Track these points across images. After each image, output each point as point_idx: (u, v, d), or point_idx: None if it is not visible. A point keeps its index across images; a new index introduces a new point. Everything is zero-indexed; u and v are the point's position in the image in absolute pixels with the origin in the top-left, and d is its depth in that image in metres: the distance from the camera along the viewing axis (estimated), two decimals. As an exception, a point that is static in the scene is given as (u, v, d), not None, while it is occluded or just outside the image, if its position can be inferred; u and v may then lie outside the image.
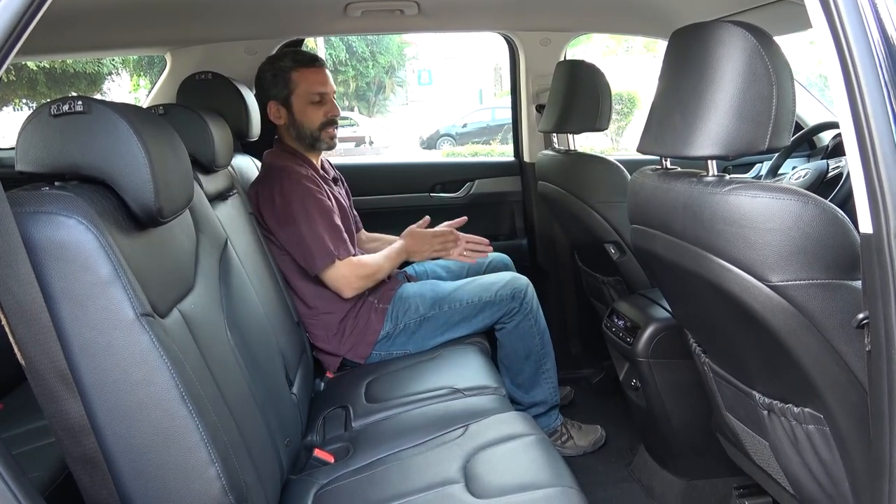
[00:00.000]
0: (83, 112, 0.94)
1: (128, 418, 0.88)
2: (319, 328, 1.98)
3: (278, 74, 1.99)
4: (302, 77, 1.98)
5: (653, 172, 1.34)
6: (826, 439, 1.14)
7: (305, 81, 1.98)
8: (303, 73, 1.98)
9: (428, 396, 1.70)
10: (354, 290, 1.93)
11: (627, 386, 1.91)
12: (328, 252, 1.88)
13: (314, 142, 2.02)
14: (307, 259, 1.89)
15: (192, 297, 1.15)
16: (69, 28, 2.00)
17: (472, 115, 16.08)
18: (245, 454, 1.11)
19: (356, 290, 1.93)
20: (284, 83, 1.98)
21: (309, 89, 1.98)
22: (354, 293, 1.93)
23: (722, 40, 1.08)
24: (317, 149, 2.05)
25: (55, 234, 0.85)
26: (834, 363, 1.05)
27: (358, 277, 1.93)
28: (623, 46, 16.53)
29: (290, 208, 1.88)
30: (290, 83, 1.98)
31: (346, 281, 1.91)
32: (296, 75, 1.98)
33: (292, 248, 1.91)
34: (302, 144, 2.03)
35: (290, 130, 2.02)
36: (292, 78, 1.98)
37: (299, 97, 1.99)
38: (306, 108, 1.99)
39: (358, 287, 1.93)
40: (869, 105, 0.87)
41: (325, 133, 2.02)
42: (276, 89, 1.99)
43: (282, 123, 2.02)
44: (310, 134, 2.01)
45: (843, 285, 1.01)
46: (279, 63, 2.00)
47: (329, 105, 2.02)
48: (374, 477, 1.39)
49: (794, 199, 1.01)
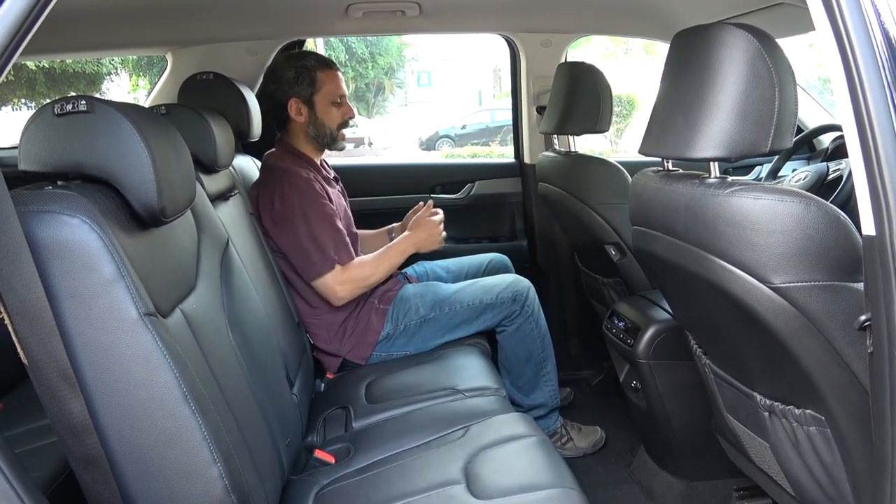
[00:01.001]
0: (87, 111, 0.94)
1: (130, 418, 0.88)
2: (320, 328, 1.98)
3: (302, 73, 2.00)
4: (327, 78, 2.02)
5: (654, 174, 1.34)
6: (827, 441, 1.14)
7: (330, 83, 2.02)
8: (327, 73, 2.02)
9: (429, 397, 1.70)
10: (346, 298, 1.93)
11: (627, 387, 1.91)
12: (322, 258, 1.88)
13: (332, 141, 2.06)
14: (302, 265, 1.90)
15: (194, 297, 1.15)
16: (69, 28, 2.00)
17: (472, 117, 16.08)
18: (246, 454, 1.11)
19: (349, 297, 1.93)
20: (310, 82, 2.01)
21: (332, 90, 2.03)
22: (346, 300, 1.93)
23: (724, 42, 1.08)
24: (332, 148, 2.08)
25: (59, 234, 0.85)
26: (836, 365, 1.05)
27: (351, 282, 1.92)
28: (622, 49, 16.56)
29: (289, 213, 1.89)
30: (315, 82, 2.01)
31: (332, 292, 1.90)
32: (322, 75, 2.01)
33: (288, 251, 1.91)
34: (317, 143, 2.05)
35: (308, 128, 2.03)
36: (318, 77, 2.01)
37: (323, 97, 2.02)
38: (329, 109, 2.03)
39: (348, 294, 1.92)
40: (872, 107, 0.87)
41: (340, 133, 2.07)
42: (300, 87, 2.01)
43: (302, 121, 2.03)
44: (329, 133, 2.04)
45: (845, 287, 1.01)
46: (302, 62, 2.02)
47: (346, 107, 2.07)
48: (374, 478, 1.39)
49: (796, 200, 1.01)
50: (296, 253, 1.89)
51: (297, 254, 1.89)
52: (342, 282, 1.90)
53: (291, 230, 1.88)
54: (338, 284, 1.90)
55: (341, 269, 1.90)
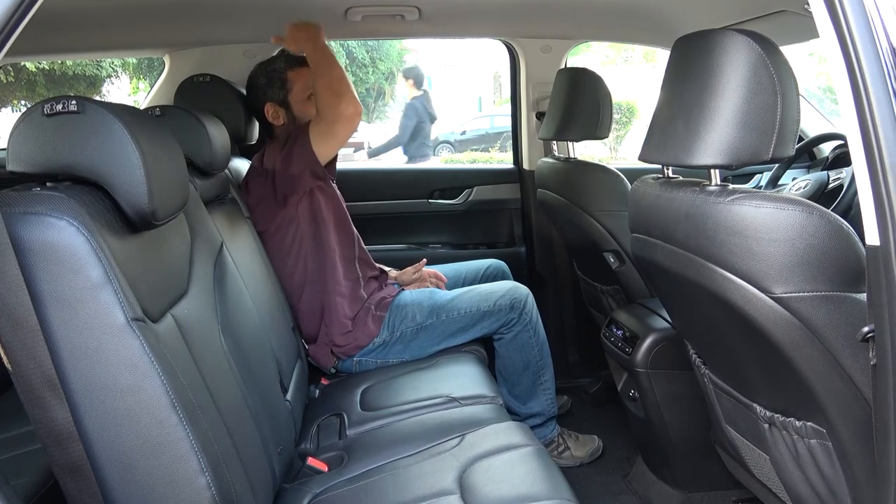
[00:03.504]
0: (77, 112, 0.92)
1: (116, 425, 0.86)
2: (312, 321, 1.98)
3: (273, 76, 2.01)
4: (297, 76, 2.00)
5: (654, 181, 1.32)
6: (828, 454, 1.12)
7: (301, 80, 2.00)
8: (297, 72, 2.01)
9: (424, 405, 1.68)
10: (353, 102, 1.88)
11: (626, 396, 1.89)
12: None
13: None
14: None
15: (186, 301, 1.13)
16: (68, 29, 1.99)
17: (472, 123, 16.08)
18: (237, 462, 1.09)
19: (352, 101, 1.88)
20: (281, 84, 2.00)
21: (305, 87, 2.00)
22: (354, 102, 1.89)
23: (726, 49, 1.07)
24: None
25: (45, 236, 0.84)
26: (837, 376, 1.03)
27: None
28: (622, 56, 16.59)
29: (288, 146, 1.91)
30: (286, 82, 2.00)
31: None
32: (292, 75, 2.00)
33: (294, 164, 1.89)
34: None
35: (290, 129, 2.01)
36: (288, 77, 2.00)
37: (297, 95, 2.00)
38: (304, 106, 2.01)
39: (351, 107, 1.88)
40: (877, 116, 0.85)
41: None
42: (272, 91, 2.01)
43: (280, 124, 2.02)
44: None
45: (847, 298, 1.00)
46: (271, 66, 2.03)
47: None
48: (368, 486, 1.37)
49: (798, 209, 1.00)
50: (300, 159, 1.89)
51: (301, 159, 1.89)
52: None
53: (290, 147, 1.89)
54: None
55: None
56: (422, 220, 2.80)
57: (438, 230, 2.83)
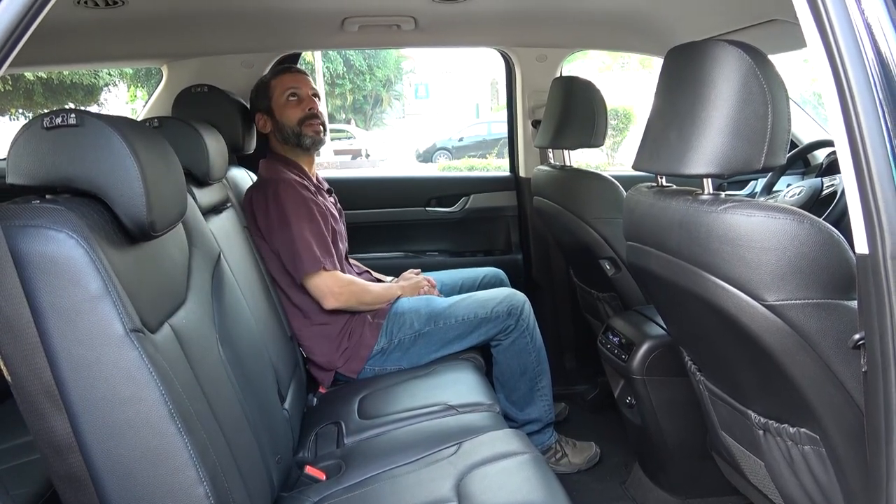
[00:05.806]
0: (76, 125, 0.93)
1: (115, 436, 0.87)
2: (314, 340, 1.97)
3: (259, 88, 2.12)
4: (278, 83, 2.09)
5: (648, 190, 1.34)
6: (822, 460, 1.13)
7: (280, 85, 2.08)
8: (278, 79, 2.10)
9: (421, 413, 1.68)
10: (337, 303, 1.93)
11: (622, 403, 1.90)
12: (315, 258, 1.89)
13: (298, 138, 2.06)
14: (295, 263, 1.90)
15: (184, 311, 1.14)
16: (66, 39, 2.01)
17: (469, 129, 16.14)
18: (235, 472, 1.09)
19: (339, 304, 1.93)
20: (264, 93, 2.10)
21: (282, 90, 2.07)
22: (336, 306, 1.93)
23: (717, 59, 1.09)
24: (303, 146, 2.07)
25: (44, 248, 0.84)
26: (829, 383, 1.04)
27: (342, 288, 1.93)
28: (619, 62, 16.63)
29: (283, 212, 1.91)
30: (268, 90, 2.09)
31: (329, 290, 1.92)
32: (273, 83, 2.10)
33: (282, 251, 1.91)
34: (289, 146, 2.08)
35: (276, 135, 2.09)
36: (270, 85, 2.10)
37: (277, 100, 2.08)
38: (284, 109, 2.07)
39: (341, 299, 1.93)
40: (864, 124, 0.87)
41: (306, 127, 2.06)
42: (259, 101, 2.11)
43: (268, 130, 2.10)
44: (291, 131, 2.06)
45: (838, 305, 1.01)
46: (261, 79, 2.14)
47: (306, 101, 2.08)
48: (365, 495, 1.37)
49: (789, 218, 1.01)
50: (289, 251, 1.90)
51: (290, 252, 1.90)
52: (340, 286, 1.92)
53: (286, 228, 1.90)
54: (336, 286, 1.92)
55: (331, 274, 1.91)
56: (419, 228, 2.81)
57: (435, 238, 2.84)
